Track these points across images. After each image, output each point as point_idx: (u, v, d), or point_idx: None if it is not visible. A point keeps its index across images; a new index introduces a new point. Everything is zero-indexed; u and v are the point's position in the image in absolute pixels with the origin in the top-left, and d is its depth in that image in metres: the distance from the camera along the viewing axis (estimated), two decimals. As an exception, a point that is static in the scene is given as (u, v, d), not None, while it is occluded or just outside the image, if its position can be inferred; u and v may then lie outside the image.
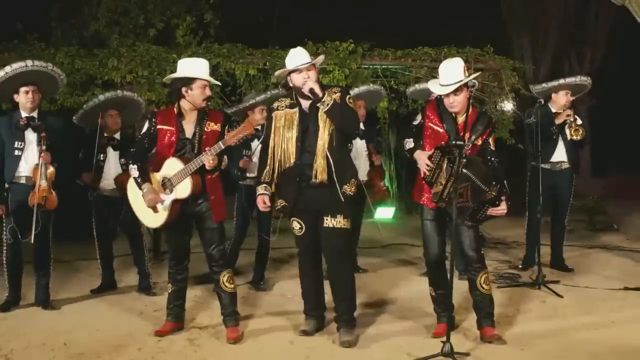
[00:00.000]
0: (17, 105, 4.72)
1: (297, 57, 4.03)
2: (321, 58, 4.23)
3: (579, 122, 5.68)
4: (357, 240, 6.04)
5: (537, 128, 5.42)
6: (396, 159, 10.17)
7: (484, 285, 3.96)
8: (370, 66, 7.25)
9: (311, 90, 3.91)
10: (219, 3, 8.66)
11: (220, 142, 3.96)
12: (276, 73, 4.15)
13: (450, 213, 3.78)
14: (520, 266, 5.98)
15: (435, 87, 3.99)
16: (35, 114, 4.69)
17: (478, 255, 3.97)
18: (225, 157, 4.17)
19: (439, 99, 4.03)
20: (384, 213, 9.62)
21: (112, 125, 5.28)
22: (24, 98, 4.62)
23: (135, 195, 4.21)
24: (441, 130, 3.96)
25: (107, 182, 5.21)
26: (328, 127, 3.96)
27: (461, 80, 3.85)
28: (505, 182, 3.75)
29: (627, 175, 12.18)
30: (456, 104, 3.91)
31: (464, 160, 3.64)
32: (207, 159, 3.91)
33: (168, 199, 4.05)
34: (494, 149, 3.96)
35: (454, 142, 3.72)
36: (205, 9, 8.56)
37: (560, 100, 5.72)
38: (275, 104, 4.15)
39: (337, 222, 3.99)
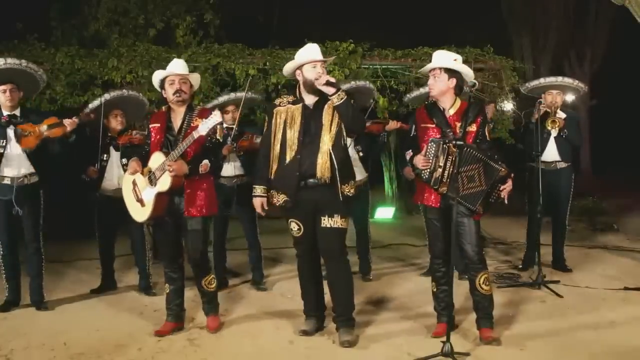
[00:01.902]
0: None
1: (314, 51, 4.04)
2: (331, 59, 4.24)
3: (562, 115, 5.65)
4: (369, 242, 5.83)
5: (539, 127, 5.43)
6: (396, 159, 10.16)
7: (483, 286, 3.98)
8: (370, 66, 7.25)
9: (328, 82, 3.89)
10: (219, 3, 8.66)
11: (193, 133, 3.95)
12: (287, 65, 4.12)
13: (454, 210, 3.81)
14: (520, 266, 5.98)
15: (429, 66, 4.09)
16: (17, 112, 4.67)
17: (479, 255, 3.99)
18: (206, 161, 4.12)
19: (427, 104, 4.12)
20: (384, 213, 9.65)
21: (116, 125, 5.27)
22: (2, 97, 4.61)
23: (127, 190, 4.29)
24: (432, 125, 4.02)
25: (110, 182, 5.20)
26: (334, 124, 3.96)
27: (437, 66, 3.96)
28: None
29: (627, 175, 12.19)
30: (433, 87, 3.99)
31: (460, 143, 3.72)
32: (169, 163, 3.95)
33: (152, 192, 4.09)
34: (489, 139, 4.03)
35: (454, 140, 3.79)
36: (205, 9, 8.56)
37: (545, 100, 5.69)
38: (277, 101, 4.17)
39: (335, 221, 3.98)
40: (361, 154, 5.46)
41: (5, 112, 4.64)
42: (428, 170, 3.89)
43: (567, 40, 11.83)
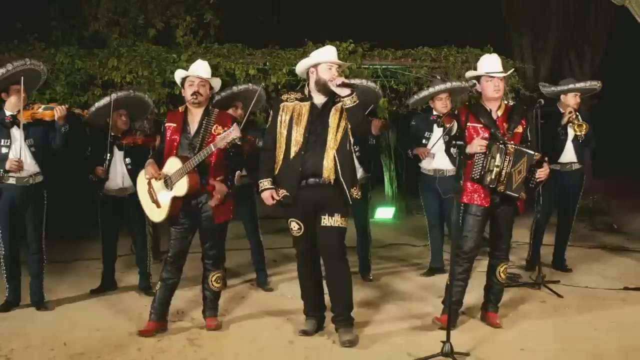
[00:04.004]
0: None
1: (333, 53, 4.07)
2: (346, 65, 4.28)
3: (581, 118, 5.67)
4: (369, 242, 5.81)
5: (539, 128, 5.41)
6: (396, 159, 10.16)
7: (502, 274, 4.31)
8: (370, 66, 7.25)
9: (344, 83, 3.89)
10: (219, 3, 8.66)
11: (211, 145, 4.03)
12: (303, 61, 4.12)
13: (497, 205, 4.16)
14: (525, 266, 5.94)
15: (487, 70, 4.22)
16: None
17: (507, 245, 4.33)
18: (238, 172, 4.38)
19: (470, 103, 4.30)
20: (384, 213, 9.64)
21: (121, 125, 5.27)
22: (16, 97, 4.61)
23: (142, 190, 4.34)
24: (480, 125, 4.19)
25: (113, 182, 5.19)
26: (340, 127, 3.97)
27: (509, 71, 4.39)
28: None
29: (627, 175, 12.18)
30: (500, 90, 4.19)
31: (512, 144, 4.05)
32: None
33: (168, 195, 4.15)
34: (530, 139, 4.26)
35: (507, 142, 4.08)
36: (205, 9, 8.55)
37: (569, 102, 5.70)
38: (285, 96, 4.15)
39: (335, 220, 3.98)
40: (358, 153, 5.46)
41: (9, 113, 4.65)
42: (480, 169, 4.06)
43: (567, 40, 11.79)
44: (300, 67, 4.14)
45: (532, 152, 4.07)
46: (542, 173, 4.13)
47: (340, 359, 3.81)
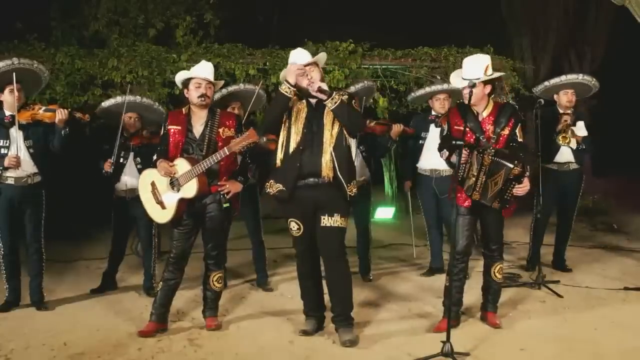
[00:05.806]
0: None
1: (297, 56, 4.07)
2: (322, 55, 4.25)
3: (580, 128, 5.61)
4: (370, 242, 5.83)
5: (538, 128, 5.41)
6: (396, 159, 10.16)
7: (497, 274, 4.31)
8: (370, 66, 7.25)
9: (320, 89, 3.91)
10: (219, 3, 8.67)
11: (225, 148, 4.04)
12: (281, 73, 4.18)
13: (482, 207, 4.08)
14: (525, 266, 5.94)
15: (456, 80, 4.21)
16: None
17: (499, 246, 4.29)
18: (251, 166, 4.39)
19: (460, 104, 4.20)
20: (384, 213, 9.64)
21: (129, 128, 5.28)
22: (10, 97, 4.60)
23: (145, 192, 4.31)
24: (467, 129, 4.11)
25: (123, 183, 5.18)
26: (335, 125, 3.98)
27: (478, 79, 4.04)
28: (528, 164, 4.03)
29: (627, 176, 12.19)
30: (465, 96, 4.05)
31: (493, 151, 3.94)
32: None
33: (175, 197, 4.14)
34: (520, 140, 4.16)
35: (480, 141, 4.02)
36: (205, 9, 8.56)
37: (561, 100, 5.71)
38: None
39: (335, 220, 3.98)
40: (364, 154, 5.46)
41: (8, 113, 4.64)
42: (462, 172, 4.04)
43: (567, 40, 11.80)
44: (282, 79, 4.17)
45: (510, 166, 3.88)
46: (520, 190, 4.00)
47: (340, 359, 3.81)
